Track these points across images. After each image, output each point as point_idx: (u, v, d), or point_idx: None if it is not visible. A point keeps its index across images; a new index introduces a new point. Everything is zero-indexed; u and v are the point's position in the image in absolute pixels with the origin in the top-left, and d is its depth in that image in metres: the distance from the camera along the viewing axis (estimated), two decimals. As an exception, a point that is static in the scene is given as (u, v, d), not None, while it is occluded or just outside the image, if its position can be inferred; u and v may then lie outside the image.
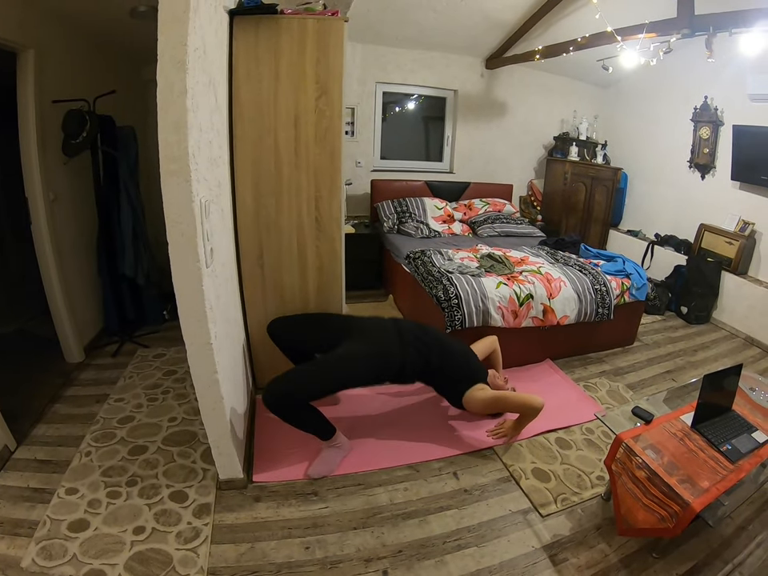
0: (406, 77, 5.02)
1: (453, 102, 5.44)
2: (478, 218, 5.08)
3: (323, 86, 2.36)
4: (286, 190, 2.46)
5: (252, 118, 2.31)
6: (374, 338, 2.40)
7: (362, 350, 2.29)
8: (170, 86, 1.42)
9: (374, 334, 2.42)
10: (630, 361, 3.68)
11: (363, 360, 2.27)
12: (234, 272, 2.41)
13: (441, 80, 5.19)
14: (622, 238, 5.82)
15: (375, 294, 4.61)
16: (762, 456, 1.99)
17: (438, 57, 5.05)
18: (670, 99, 5.10)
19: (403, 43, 4.80)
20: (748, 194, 4.38)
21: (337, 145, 2.45)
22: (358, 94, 4.87)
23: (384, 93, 5.12)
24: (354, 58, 4.68)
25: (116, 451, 2.33)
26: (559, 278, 3.41)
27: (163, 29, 1.40)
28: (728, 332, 4.47)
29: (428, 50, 4.96)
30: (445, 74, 5.15)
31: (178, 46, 1.41)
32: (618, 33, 3.34)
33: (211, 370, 1.75)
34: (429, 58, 5.01)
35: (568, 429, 2.73)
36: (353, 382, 2.32)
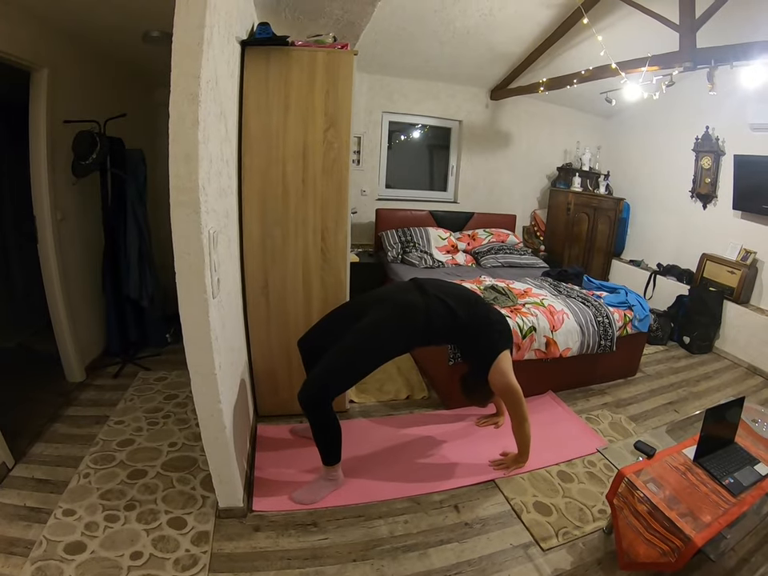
0: (412, 107, 5.11)
1: (458, 132, 5.53)
2: (482, 248, 5.12)
3: (332, 118, 2.41)
4: (292, 220, 2.49)
5: (261, 149, 2.35)
6: (392, 299, 2.33)
7: (382, 314, 2.23)
8: (182, 117, 1.45)
9: (391, 295, 2.37)
10: (632, 392, 3.66)
11: (386, 323, 2.21)
12: (239, 301, 2.43)
13: (446, 110, 5.28)
14: (624, 267, 5.84)
15: None
16: (764, 488, 1.97)
17: (443, 87, 5.14)
18: (672, 129, 5.17)
19: (409, 73, 4.90)
20: (749, 223, 4.41)
21: (344, 176, 2.48)
22: (365, 123, 4.95)
23: (390, 122, 5.20)
24: (360, 87, 4.77)
25: (115, 474, 2.32)
26: (562, 310, 3.41)
27: (177, 61, 1.44)
28: (730, 361, 4.46)
29: (434, 81, 5.06)
30: (450, 104, 5.25)
31: (191, 79, 1.44)
32: (621, 66, 3.40)
33: (215, 400, 1.76)
34: (434, 88, 5.11)
35: (570, 462, 2.71)
36: (383, 352, 2.25)
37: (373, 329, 2.19)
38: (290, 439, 2.68)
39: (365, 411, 3.09)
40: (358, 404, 3.16)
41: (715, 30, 3.01)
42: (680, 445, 2.19)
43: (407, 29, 3.98)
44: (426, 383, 3.46)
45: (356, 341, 2.16)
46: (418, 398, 3.29)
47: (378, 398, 3.24)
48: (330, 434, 2.20)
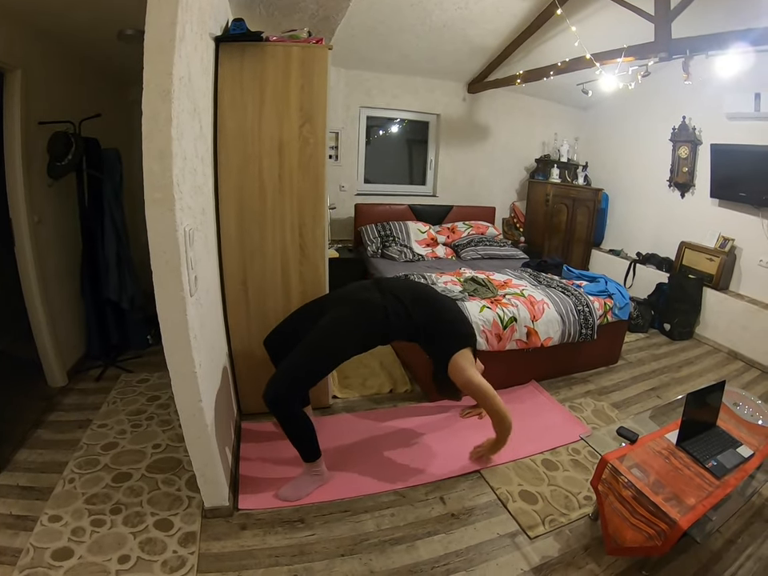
0: (390, 101, 5.11)
1: (436, 126, 5.53)
2: (461, 240, 5.13)
3: (307, 114, 2.39)
4: (269, 216, 2.47)
5: (236, 146, 2.33)
6: (351, 298, 2.35)
7: (341, 313, 2.25)
8: (155, 115, 1.43)
9: (351, 294, 2.39)
10: (614, 380, 3.70)
11: (344, 322, 2.22)
12: (218, 298, 2.41)
13: (424, 104, 5.28)
14: (604, 257, 5.91)
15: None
16: (747, 470, 2.01)
17: (420, 82, 5.14)
18: (649, 120, 5.24)
19: (387, 68, 4.89)
20: (727, 211, 4.50)
21: (320, 172, 2.47)
22: (342, 118, 4.93)
23: (368, 117, 5.19)
24: (338, 83, 4.76)
25: (100, 478, 2.29)
26: (542, 300, 3.43)
27: (149, 58, 1.42)
28: (711, 347, 4.53)
29: (411, 75, 5.06)
30: (428, 98, 5.25)
31: (164, 76, 1.43)
32: (597, 57, 3.43)
33: (195, 399, 1.74)
34: (412, 82, 5.11)
35: (554, 450, 2.74)
36: (342, 350, 2.24)
37: (331, 327, 2.19)
38: (274, 435, 2.66)
39: (348, 406, 3.09)
40: (342, 399, 3.15)
41: (690, 20, 3.05)
42: (662, 429, 2.22)
43: (384, 23, 3.97)
44: (409, 377, 3.46)
45: (315, 340, 2.16)
46: (401, 391, 3.30)
47: (362, 392, 3.24)
48: (300, 431, 2.19)
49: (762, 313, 4.11)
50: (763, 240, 4.18)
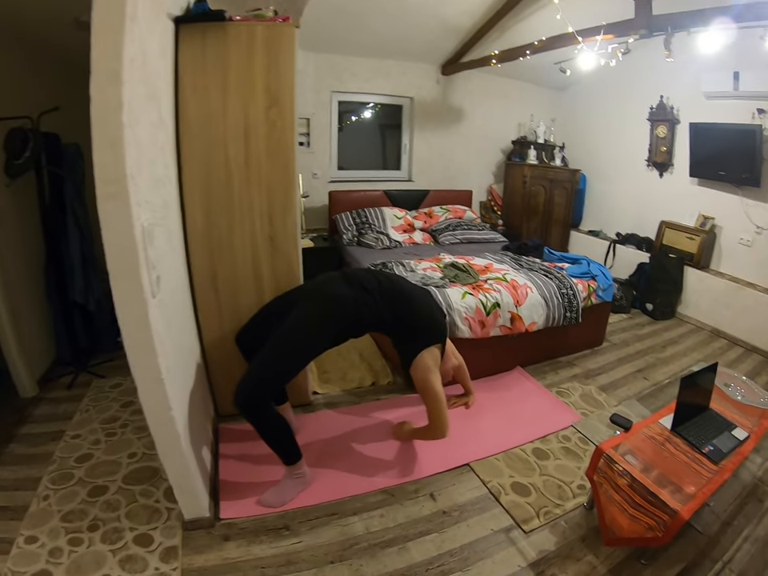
0: (362, 85, 4.95)
1: (409, 109, 5.39)
2: (439, 225, 5.02)
3: (274, 96, 2.25)
4: (237, 207, 2.33)
5: (200, 133, 2.17)
6: (319, 291, 2.24)
7: (308, 307, 2.13)
8: (104, 100, 1.31)
9: (319, 288, 2.26)
10: (600, 362, 3.67)
11: (313, 317, 2.11)
12: (186, 296, 2.27)
13: (397, 88, 5.13)
14: (583, 238, 5.89)
15: None
16: (743, 453, 1.98)
17: (393, 64, 4.99)
18: (626, 99, 5.19)
19: (358, 51, 4.73)
20: (706, 190, 4.48)
21: (290, 157, 2.33)
22: (313, 103, 4.76)
23: (340, 102, 5.02)
24: (307, 68, 4.60)
25: (75, 493, 2.16)
26: (525, 284, 3.35)
27: (97, 39, 1.29)
28: (693, 325, 4.54)
29: (383, 58, 4.91)
30: (401, 81, 5.11)
31: (113, 57, 1.30)
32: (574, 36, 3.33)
33: (165, 407, 1.62)
34: (384, 65, 4.96)
35: (544, 438, 2.68)
36: (314, 344, 2.12)
37: (299, 324, 2.08)
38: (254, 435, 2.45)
39: (330, 402, 2.97)
40: (322, 395, 3.04)
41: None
42: (656, 415, 2.17)
43: (354, 2, 3.83)
44: (390, 368, 3.35)
45: (282, 338, 2.05)
46: (383, 383, 3.20)
47: (342, 386, 3.13)
48: (277, 434, 2.08)
49: (744, 290, 4.11)
50: (743, 218, 4.17)
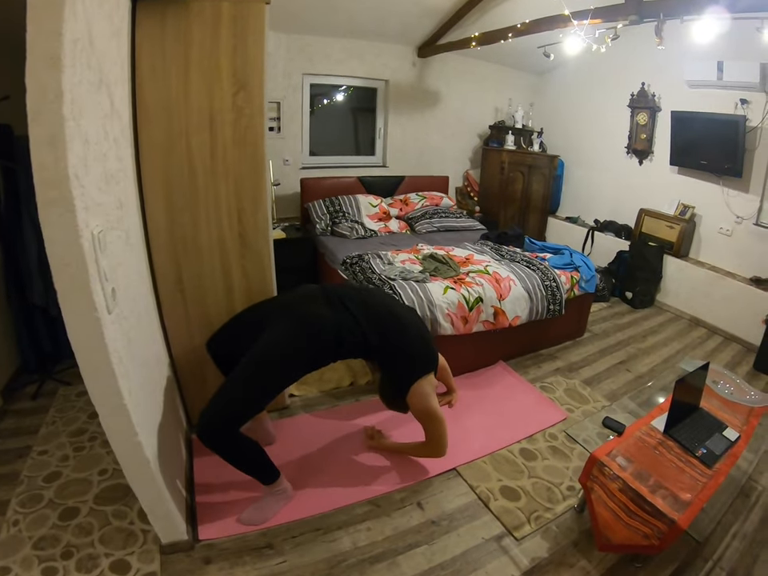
0: (335, 67, 4.73)
1: (384, 92, 5.18)
2: (415, 213, 4.86)
3: (241, 80, 2.05)
4: (202, 202, 2.13)
5: (160, 122, 1.97)
6: (296, 310, 2.03)
7: (283, 328, 1.92)
8: (41, 88, 1.12)
9: (296, 306, 2.06)
10: (582, 354, 3.62)
11: (288, 340, 1.89)
12: (150, 302, 2.08)
13: (371, 70, 4.93)
14: (560, 225, 5.83)
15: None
16: (736, 455, 1.94)
17: (367, 46, 4.79)
18: (606, 86, 5.10)
19: (331, 32, 4.51)
20: (687, 179, 4.44)
21: (259, 147, 2.14)
22: (284, 87, 4.53)
23: (311, 85, 4.80)
24: (278, 50, 4.37)
25: (46, 517, 1.99)
26: (508, 276, 3.24)
27: (33, 16, 1.09)
28: (673, 314, 4.53)
29: (357, 39, 4.70)
30: (375, 63, 4.90)
31: (52, 38, 1.11)
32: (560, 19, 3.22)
33: (131, 433, 1.46)
34: (358, 47, 4.75)
35: (531, 437, 2.60)
36: (286, 373, 1.92)
37: (272, 350, 1.88)
38: None
39: (307, 405, 2.83)
40: (299, 397, 2.89)
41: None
42: (647, 416, 2.11)
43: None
44: (369, 366, 3.21)
45: (253, 365, 1.85)
46: (363, 383, 3.07)
47: (320, 387, 2.98)
48: (247, 463, 1.92)
49: (723, 280, 4.11)
50: (723, 208, 4.15)
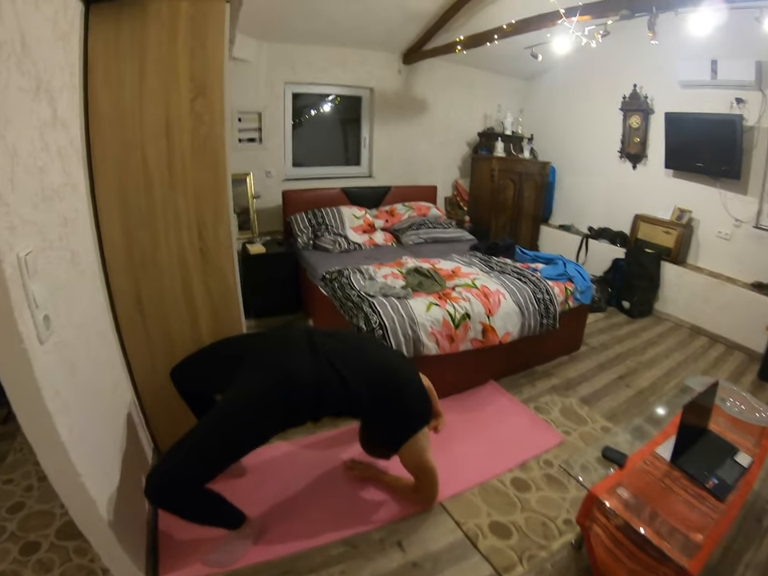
0: (318, 76, 4.58)
1: (369, 100, 5.03)
2: (402, 224, 4.69)
3: (200, 84, 1.89)
4: (160, 217, 1.96)
5: (114, 131, 1.81)
6: (273, 360, 1.79)
7: (258, 383, 1.70)
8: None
9: (274, 353, 1.83)
10: (579, 369, 3.45)
11: (261, 397, 1.67)
12: (106, 325, 1.91)
13: (355, 78, 4.78)
14: (553, 233, 5.69)
15: (294, 320, 4.11)
16: (749, 482, 1.76)
17: (351, 53, 4.64)
18: (597, 89, 4.98)
19: (313, 39, 4.37)
20: (683, 182, 4.32)
21: (220, 156, 1.98)
22: (265, 96, 4.38)
23: (294, 94, 4.65)
24: (259, 58, 4.24)
25: (7, 551, 1.85)
26: (497, 290, 3.07)
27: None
28: (672, 323, 4.40)
29: (341, 47, 4.56)
30: (359, 71, 4.76)
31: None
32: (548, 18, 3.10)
33: (71, 474, 1.30)
34: (342, 54, 4.60)
35: (524, 465, 2.43)
36: (257, 436, 1.69)
37: (243, 406, 1.66)
38: None
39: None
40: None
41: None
42: (651, 442, 1.94)
43: (307, -14, 3.49)
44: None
45: (220, 421, 1.63)
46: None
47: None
48: (205, 517, 1.73)
49: (723, 286, 3.97)
50: (721, 211, 4.01)
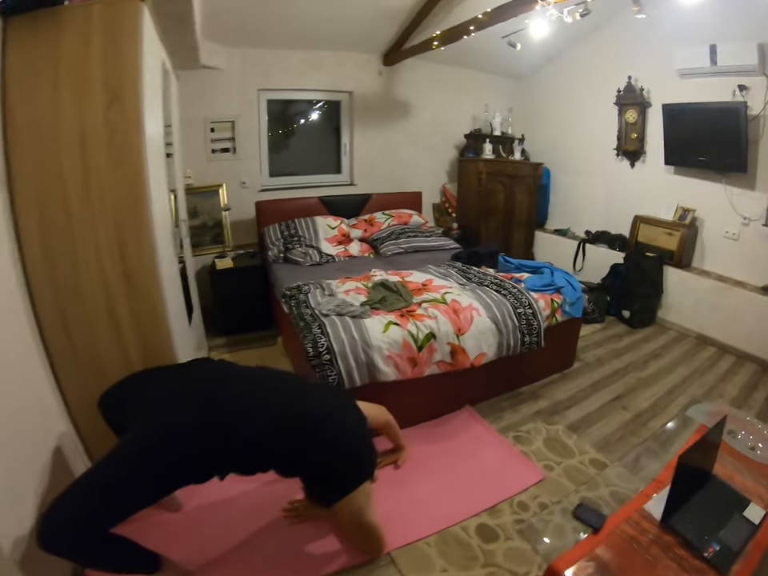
0: (294, 81, 4.35)
1: (348, 105, 4.77)
2: (381, 233, 4.40)
3: (114, 90, 1.70)
4: (79, 236, 1.76)
5: (32, 146, 1.67)
6: (156, 408, 1.55)
7: (142, 434, 1.47)
8: None
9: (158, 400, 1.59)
10: (570, 390, 3.09)
11: (145, 450, 1.43)
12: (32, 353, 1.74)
13: (333, 81, 4.53)
14: (549, 238, 5.36)
15: (265, 337, 3.83)
16: (761, 544, 1.39)
17: (327, 56, 4.40)
18: (590, 84, 4.68)
19: (286, 43, 4.15)
20: (685, 179, 3.99)
21: (138, 168, 1.77)
22: (238, 104, 4.17)
23: (269, 101, 4.42)
24: (230, 65, 4.04)
25: None
26: (470, 305, 2.75)
27: None
28: (677, 332, 4.03)
29: (316, 50, 4.33)
30: (337, 74, 4.51)
31: None
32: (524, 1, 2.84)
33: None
34: (317, 58, 4.37)
35: (494, 508, 2.09)
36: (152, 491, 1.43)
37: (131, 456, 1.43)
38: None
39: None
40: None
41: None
42: (640, 496, 1.59)
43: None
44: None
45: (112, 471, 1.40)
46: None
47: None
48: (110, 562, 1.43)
49: (732, 290, 3.61)
50: (728, 209, 3.67)
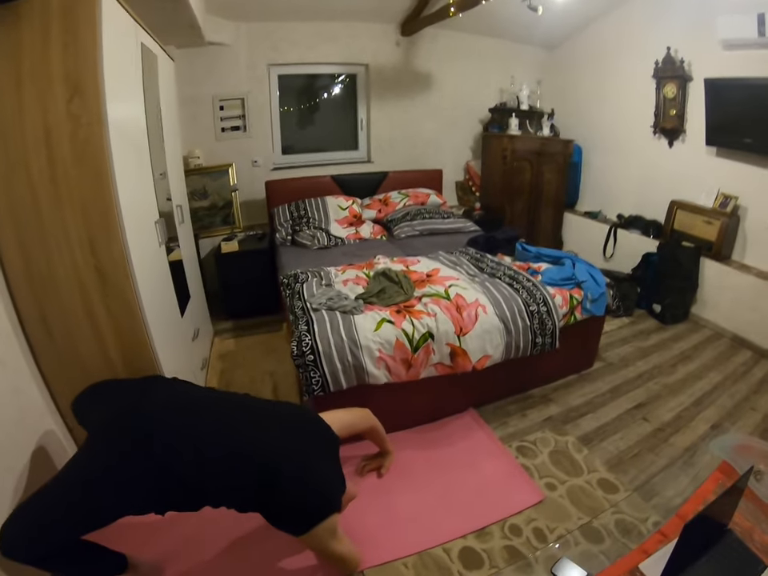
0: (305, 54, 4.13)
1: (365, 78, 4.51)
2: (396, 214, 4.17)
3: (75, 82, 1.64)
4: (50, 234, 1.76)
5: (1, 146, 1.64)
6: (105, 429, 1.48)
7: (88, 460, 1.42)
8: None
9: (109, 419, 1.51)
10: (586, 394, 2.85)
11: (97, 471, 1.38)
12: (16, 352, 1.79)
13: (348, 54, 4.28)
14: (579, 221, 5.05)
15: (270, 322, 3.73)
16: None
17: (341, 27, 4.15)
18: (626, 56, 4.28)
19: (296, 15, 3.92)
20: (727, 162, 3.60)
21: (102, 162, 1.71)
22: (247, 80, 4.00)
23: (279, 76, 4.21)
24: (237, 40, 3.87)
25: None
26: (476, 300, 2.50)
27: None
28: (711, 330, 3.72)
29: (328, 21, 4.07)
30: (352, 46, 4.26)
31: None
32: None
33: None
34: (330, 29, 4.12)
35: (483, 530, 1.92)
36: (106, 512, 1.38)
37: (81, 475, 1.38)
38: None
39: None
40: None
41: None
42: (636, 552, 1.32)
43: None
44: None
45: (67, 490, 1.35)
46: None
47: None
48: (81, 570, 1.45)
49: (775, 289, 3.26)
50: (774, 197, 3.30)
